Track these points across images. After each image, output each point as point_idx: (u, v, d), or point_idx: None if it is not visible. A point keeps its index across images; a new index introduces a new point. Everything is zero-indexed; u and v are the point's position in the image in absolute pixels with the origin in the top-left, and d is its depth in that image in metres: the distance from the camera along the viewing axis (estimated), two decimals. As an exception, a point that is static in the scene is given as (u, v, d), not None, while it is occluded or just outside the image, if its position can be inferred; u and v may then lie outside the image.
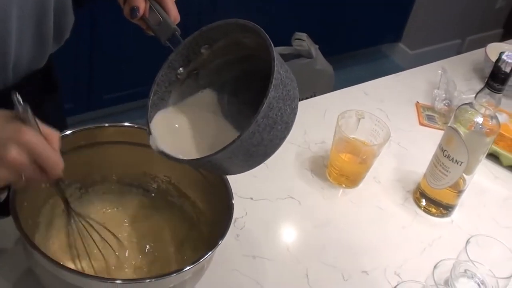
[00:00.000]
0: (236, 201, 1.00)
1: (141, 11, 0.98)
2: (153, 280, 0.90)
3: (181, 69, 0.98)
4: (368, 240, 1.27)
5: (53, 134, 0.85)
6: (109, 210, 1.14)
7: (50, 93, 1.24)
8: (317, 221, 1.29)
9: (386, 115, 1.63)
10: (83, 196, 1.12)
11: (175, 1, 1.01)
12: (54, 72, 1.25)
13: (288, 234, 1.26)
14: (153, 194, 1.16)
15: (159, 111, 0.98)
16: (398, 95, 1.75)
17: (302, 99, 2.92)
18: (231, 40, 0.95)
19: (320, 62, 3.09)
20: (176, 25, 1.00)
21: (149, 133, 0.95)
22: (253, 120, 0.81)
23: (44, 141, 0.81)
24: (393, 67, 4.02)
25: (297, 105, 0.89)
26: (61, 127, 1.36)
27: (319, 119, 1.57)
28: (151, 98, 0.96)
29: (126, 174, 1.14)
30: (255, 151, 0.86)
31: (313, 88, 3.02)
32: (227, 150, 0.83)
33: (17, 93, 0.80)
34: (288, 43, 3.08)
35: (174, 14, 1.00)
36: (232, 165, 0.90)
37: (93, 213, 1.10)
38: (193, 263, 0.90)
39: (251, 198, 1.30)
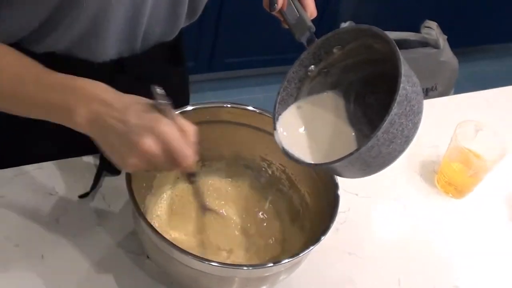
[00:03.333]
0: (341, 195, 1.01)
1: (279, 5, 0.99)
2: (250, 268, 0.92)
3: (312, 66, 0.99)
4: (466, 254, 1.25)
5: (190, 127, 0.85)
6: (220, 187, 1.17)
7: (176, 66, 1.28)
8: (418, 227, 1.28)
9: (506, 126, 1.57)
10: (201, 170, 1.15)
11: None
12: (182, 46, 1.28)
13: (387, 236, 1.26)
14: (265, 180, 1.17)
15: (287, 108, 0.99)
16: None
17: (424, 90, 2.89)
18: (362, 43, 0.95)
19: (446, 54, 3.00)
20: (312, 21, 1.01)
21: (275, 128, 0.97)
22: (373, 136, 0.81)
23: (179, 133, 0.83)
24: (520, 67, 3.88)
25: (420, 119, 0.88)
26: (184, 101, 1.41)
27: (436, 121, 1.54)
28: (280, 93, 0.98)
29: (243, 155, 1.16)
30: (372, 162, 0.87)
31: (435, 79, 2.96)
32: (345, 160, 0.84)
33: (158, 87, 0.81)
34: (417, 30, 3.01)
35: (311, 9, 1.01)
36: (347, 172, 0.91)
37: (205, 187, 1.14)
38: (292, 257, 0.91)
39: (357, 194, 1.30)
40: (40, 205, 1.10)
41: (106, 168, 1.13)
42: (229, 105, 1.10)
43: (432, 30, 2.98)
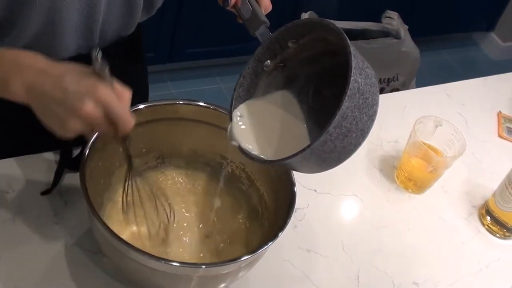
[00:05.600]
0: (299, 191, 1.01)
1: (233, 1, 0.99)
2: (208, 266, 0.92)
3: (268, 61, 0.99)
4: (424, 250, 1.26)
5: (125, 92, 0.87)
6: (177, 184, 1.16)
7: (135, 63, 1.26)
8: (377, 223, 1.28)
9: (465, 121, 1.60)
10: (159, 165, 1.15)
11: None
12: (141, 42, 1.27)
13: (346, 232, 1.26)
14: (224, 178, 1.16)
15: (242, 103, 0.99)
16: (481, 100, 1.71)
17: (384, 80, 2.90)
18: (316, 36, 0.95)
19: (408, 43, 3.01)
20: (267, 15, 1.00)
21: (230, 120, 0.97)
22: (324, 131, 0.81)
23: (117, 98, 0.84)
24: (481, 56, 3.92)
25: (376, 111, 0.89)
26: (144, 96, 1.40)
27: (397, 116, 1.55)
28: (236, 90, 0.98)
29: (202, 152, 1.16)
30: (328, 157, 0.87)
31: (396, 69, 2.97)
32: (298, 156, 0.84)
33: (98, 49, 0.82)
34: (378, 20, 3.02)
35: (265, 4, 1.01)
36: (304, 167, 0.91)
37: (162, 183, 1.13)
38: (250, 253, 0.91)
39: (315, 190, 1.30)
40: (-4, 203, 1.09)
41: (67, 163, 1.11)
42: (181, 102, 1.09)
43: (393, 20, 2.98)
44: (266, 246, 0.93)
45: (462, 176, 1.45)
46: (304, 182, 1.27)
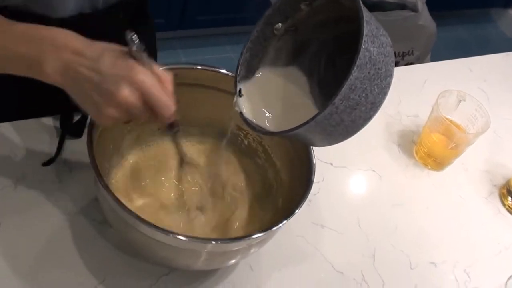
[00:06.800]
0: (315, 165, 0.95)
1: None
2: (219, 242, 0.87)
3: (279, 24, 0.92)
4: (442, 229, 1.21)
5: (166, 76, 0.81)
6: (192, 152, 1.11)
7: (142, 27, 1.21)
8: (395, 200, 1.23)
9: (487, 97, 1.54)
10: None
11: None
12: (147, 6, 1.21)
13: (362, 208, 1.20)
14: (241, 150, 1.12)
15: (251, 72, 0.94)
16: (504, 77, 1.65)
17: (399, 54, 2.84)
18: None
19: (424, 17, 2.95)
20: None
21: (236, 92, 0.91)
22: (330, 103, 0.75)
23: (157, 82, 0.78)
24: (497, 33, 3.85)
25: (389, 83, 0.82)
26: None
27: (417, 89, 1.49)
28: (243, 54, 0.92)
29: (217, 122, 1.09)
30: (334, 130, 0.81)
31: (412, 43, 2.90)
32: (302, 128, 0.78)
33: (132, 32, 0.76)
34: (396, -8, 2.95)
35: None
36: (309, 140, 0.86)
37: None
38: (264, 231, 0.86)
39: (331, 164, 1.25)
40: (-4, 168, 1.04)
41: (68, 131, 1.06)
42: (199, 67, 1.03)
43: (410, -8, 2.92)
44: (280, 224, 0.87)
45: (483, 154, 1.39)
46: (320, 156, 1.22)
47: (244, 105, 0.91)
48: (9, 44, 0.82)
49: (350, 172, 1.26)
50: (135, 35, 0.76)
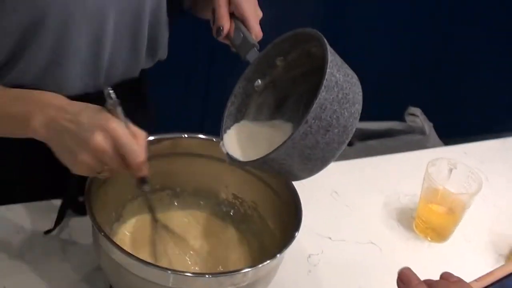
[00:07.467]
0: (313, 238, 1.01)
1: (225, 31, 1.03)
2: (210, 276, 0.89)
3: (259, 81, 1.01)
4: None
5: (140, 133, 0.89)
6: (186, 221, 1.16)
7: (137, 106, 1.29)
8: (396, 272, 1.23)
9: (486, 177, 1.56)
10: (171, 202, 1.16)
11: (259, 21, 1.06)
12: (144, 88, 1.31)
13: (363, 281, 1.20)
14: (237, 218, 1.16)
15: (234, 123, 1.01)
16: (501, 160, 1.69)
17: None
18: (302, 51, 0.97)
19: (433, 140, 3.02)
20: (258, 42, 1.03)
21: (222, 139, 0.98)
22: (303, 121, 0.81)
23: (130, 134, 0.87)
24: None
25: (358, 111, 0.88)
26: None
27: (415, 172, 1.52)
28: (228, 108, 0.99)
29: (214, 192, 1.16)
30: (311, 153, 0.86)
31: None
32: (280, 151, 0.84)
33: (109, 87, 0.86)
34: (402, 117, 3.04)
35: (255, 32, 1.04)
36: (291, 167, 0.90)
37: (174, 221, 1.13)
38: (250, 267, 0.90)
39: (330, 238, 1.27)
40: (6, 243, 1.09)
41: (70, 202, 1.11)
42: (186, 135, 1.11)
43: (416, 117, 3.01)
44: (266, 262, 0.91)
45: (484, 226, 1.40)
46: (318, 229, 1.25)
47: (229, 144, 0.97)
48: (3, 107, 0.94)
49: (349, 245, 1.27)
50: (112, 91, 0.86)
